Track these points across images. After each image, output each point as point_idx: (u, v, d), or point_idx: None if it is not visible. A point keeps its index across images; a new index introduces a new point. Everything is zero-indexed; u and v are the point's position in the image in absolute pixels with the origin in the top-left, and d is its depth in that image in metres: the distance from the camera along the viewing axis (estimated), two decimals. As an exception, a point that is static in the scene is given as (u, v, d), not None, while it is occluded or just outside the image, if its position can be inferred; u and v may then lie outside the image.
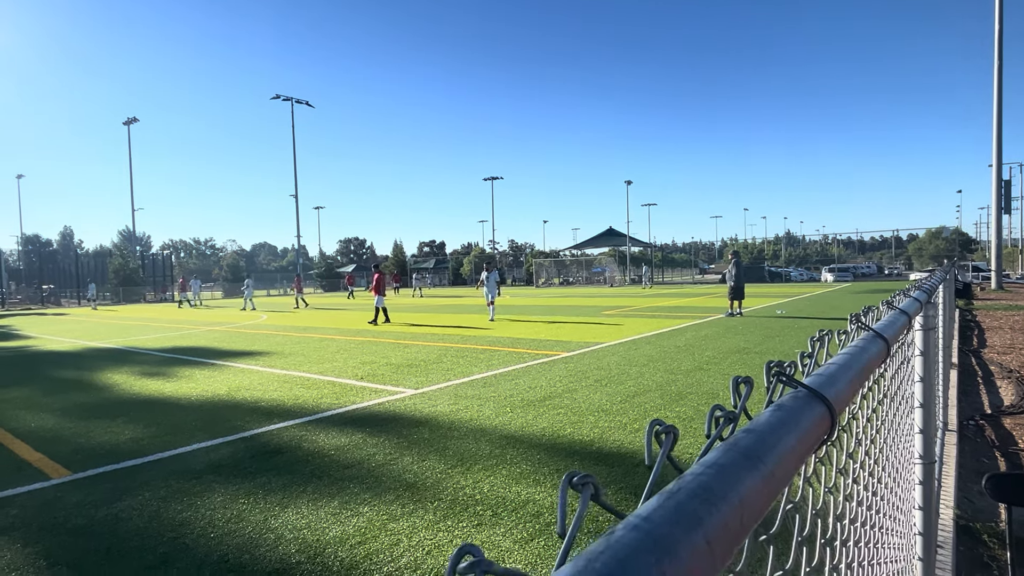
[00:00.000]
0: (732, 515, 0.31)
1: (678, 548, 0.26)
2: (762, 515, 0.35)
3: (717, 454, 0.37)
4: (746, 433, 0.41)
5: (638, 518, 0.28)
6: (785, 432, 0.43)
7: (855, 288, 31.36)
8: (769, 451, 0.39)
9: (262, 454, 4.79)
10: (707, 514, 0.29)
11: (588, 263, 57.98)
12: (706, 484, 0.32)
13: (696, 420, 5.37)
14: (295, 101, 52.36)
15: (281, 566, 2.99)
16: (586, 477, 0.29)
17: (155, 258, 54.99)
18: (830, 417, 0.52)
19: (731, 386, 0.50)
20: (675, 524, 0.27)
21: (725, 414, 0.43)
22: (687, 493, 0.31)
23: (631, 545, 0.25)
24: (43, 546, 3.30)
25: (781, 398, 0.52)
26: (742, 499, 0.33)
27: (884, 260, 70.70)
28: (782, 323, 13.32)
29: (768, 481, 0.37)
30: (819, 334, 0.84)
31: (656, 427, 0.38)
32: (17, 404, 7.14)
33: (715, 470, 0.34)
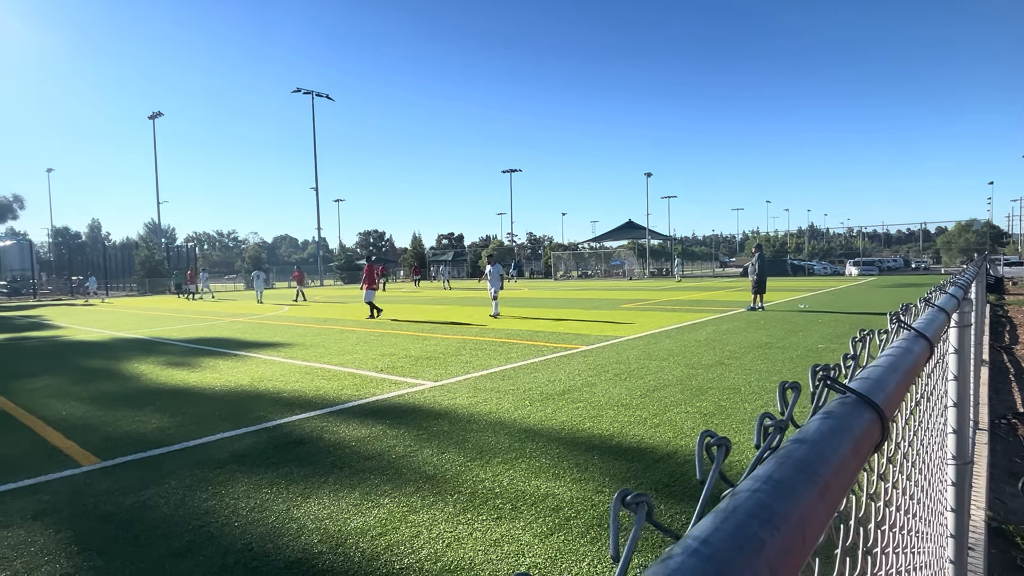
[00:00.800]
0: (794, 536, 0.29)
1: None
2: (822, 534, 0.33)
3: (771, 467, 0.35)
4: (799, 444, 0.39)
5: (697, 541, 0.26)
6: (838, 442, 0.41)
7: (881, 282, 30.72)
8: (825, 463, 0.37)
9: (284, 445, 4.85)
10: (769, 536, 0.27)
11: (607, 256, 57.63)
12: (764, 502, 0.30)
13: (717, 416, 5.31)
14: (316, 94, 52.73)
15: (304, 556, 3.03)
16: (640, 496, 0.27)
17: (179, 250, 55.96)
18: (881, 423, 0.50)
19: (778, 392, 0.47)
20: (737, 549, 0.25)
21: (775, 423, 0.41)
22: (745, 512, 0.29)
23: (695, 572, 0.23)
24: (74, 532, 3.39)
25: (829, 404, 0.50)
26: (802, 517, 0.31)
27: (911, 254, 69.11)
28: (805, 318, 13.10)
29: (825, 496, 0.34)
30: (860, 334, 0.80)
31: (707, 439, 0.36)
32: (48, 392, 7.33)
33: (771, 485, 0.32)
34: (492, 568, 2.85)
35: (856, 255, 56.76)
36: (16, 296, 42.72)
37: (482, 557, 2.96)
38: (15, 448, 5.03)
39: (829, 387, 0.53)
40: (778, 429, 0.41)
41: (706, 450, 0.36)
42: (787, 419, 0.43)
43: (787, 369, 7.25)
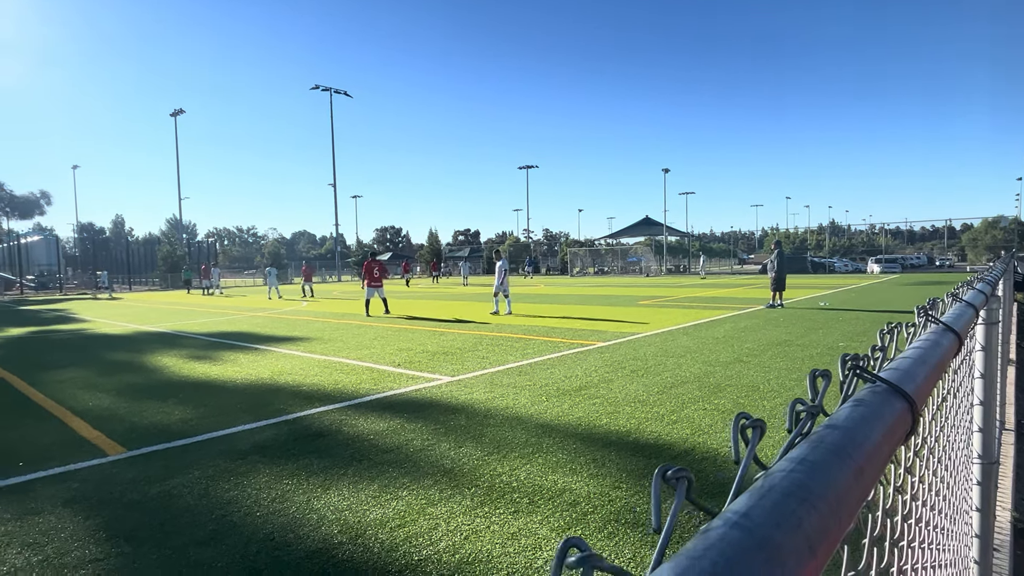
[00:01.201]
0: (830, 515, 0.30)
1: (783, 551, 0.25)
2: (856, 515, 0.34)
3: (805, 450, 0.35)
4: (831, 429, 0.39)
5: (736, 515, 0.26)
6: (871, 428, 0.41)
7: (904, 280, 30.17)
8: (858, 448, 0.37)
9: (304, 437, 4.92)
10: (806, 514, 0.28)
11: (623, 252, 57.34)
12: (800, 482, 0.31)
13: (735, 413, 5.27)
14: (334, 91, 53.09)
15: (324, 546, 3.07)
16: (681, 471, 0.28)
17: (200, 245, 56.82)
18: (912, 412, 0.50)
19: (808, 380, 0.48)
20: (776, 525, 0.26)
21: (807, 408, 0.42)
22: (782, 492, 0.29)
23: (737, 544, 0.24)
24: (102, 518, 3.47)
25: (859, 393, 0.50)
26: (838, 497, 0.31)
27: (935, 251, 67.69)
28: (825, 316, 12.93)
29: (859, 478, 0.35)
30: (888, 327, 0.80)
31: (743, 420, 0.36)
32: (76, 384, 7.51)
33: (806, 467, 0.33)
34: (510, 561, 2.87)
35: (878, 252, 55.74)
36: (43, 290, 43.71)
37: (500, 550, 2.98)
38: (45, 437, 5.16)
39: (859, 376, 0.53)
40: (810, 415, 0.41)
41: (741, 432, 0.36)
42: (818, 405, 0.44)
43: (807, 367, 7.16)
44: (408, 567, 2.85)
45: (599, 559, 0.21)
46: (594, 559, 0.21)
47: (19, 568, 2.93)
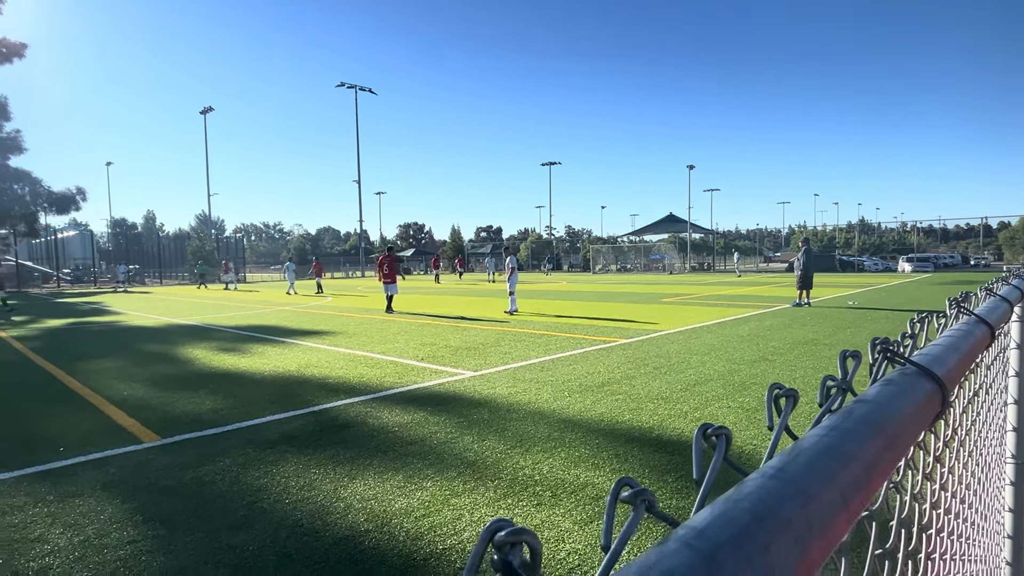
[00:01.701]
0: (862, 475, 0.32)
1: (819, 499, 0.27)
2: (887, 477, 0.36)
3: (837, 420, 0.37)
4: (862, 403, 0.41)
5: (773, 469, 0.29)
6: (901, 405, 0.43)
7: (936, 279, 29.40)
8: (888, 421, 0.39)
9: (331, 428, 5.02)
10: (840, 470, 0.30)
11: (647, 250, 56.89)
12: (832, 444, 0.33)
13: (760, 411, 5.23)
14: (359, 89, 53.61)
15: (351, 533, 3.14)
16: (721, 428, 0.30)
17: (228, 241, 57.95)
18: (941, 394, 0.51)
19: (839, 360, 0.49)
20: (811, 477, 0.28)
21: (838, 384, 0.43)
22: (815, 451, 0.31)
23: (775, 492, 0.26)
24: (139, 502, 3.60)
25: (889, 374, 0.52)
26: (868, 461, 0.33)
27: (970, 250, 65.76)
28: (854, 314, 12.69)
29: (891, 447, 0.37)
30: (918, 316, 0.81)
31: (776, 390, 0.38)
32: (112, 374, 7.75)
33: (838, 433, 0.35)
34: (533, 552, 2.90)
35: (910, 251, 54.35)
36: (78, 283, 45.10)
37: (523, 541, 3.01)
38: (84, 424, 5.35)
39: (889, 359, 0.54)
40: (841, 390, 0.43)
41: (775, 401, 0.38)
42: (848, 382, 0.45)
43: (834, 367, 7.05)
44: (433, 556, 2.90)
45: (651, 496, 0.24)
46: (646, 494, 0.23)
47: (62, 547, 3.06)
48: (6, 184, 35.65)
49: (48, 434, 5.10)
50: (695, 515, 0.25)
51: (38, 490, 3.84)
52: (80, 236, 55.35)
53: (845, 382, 0.44)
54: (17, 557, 2.97)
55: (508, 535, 0.21)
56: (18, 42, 33.88)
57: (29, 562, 2.92)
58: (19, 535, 3.21)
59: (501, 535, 0.21)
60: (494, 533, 0.21)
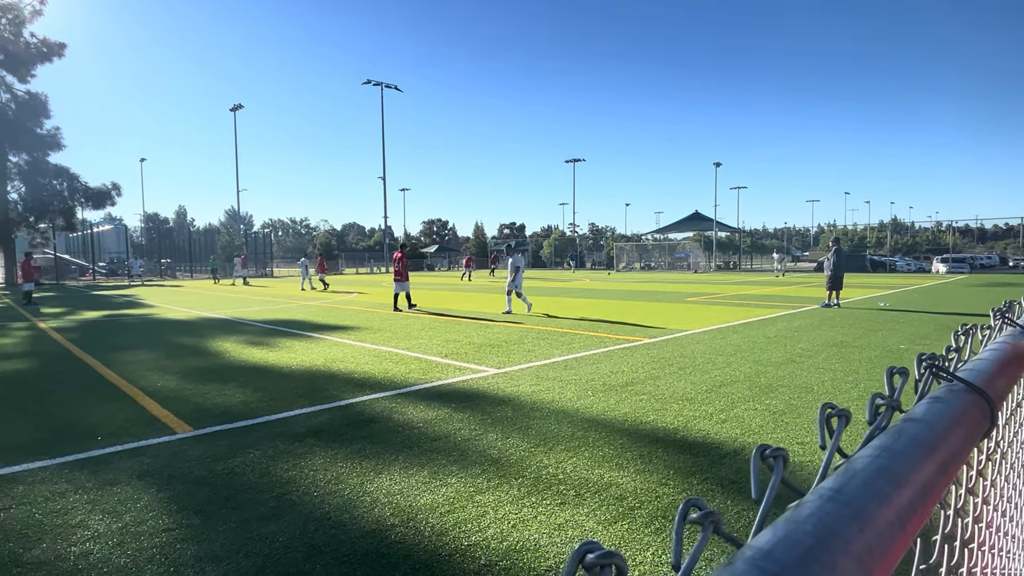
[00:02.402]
0: (917, 496, 0.32)
1: (877, 521, 0.28)
2: (938, 500, 0.36)
3: (887, 440, 0.38)
4: (912, 422, 0.41)
5: (830, 491, 0.29)
6: (950, 424, 0.43)
7: (972, 281, 28.53)
8: (939, 441, 0.39)
9: (357, 423, 5.10)
10: (895, 493, 0.31)
11: (671, 248, 56.32)
12: (886, 467, 0.33)
13: (787, 414, 5.16)
14: (384, 86, 54.05)
15: (377, 527, 3.20)
16: (778, 450, 0.31)
17: (256, 236, 59.03)
18: (990, 412, 0.51)
19: (886, 376, 0.50)
20: (868, 500, 0.29)
21: (887, 402, 0.44)
22: (870, 473, 0.32)
23: (835, 514, 0.27)
24: (173, 492, 3.71)
25: (936, 391, 0.52)
26: (923, 483, 0.34)
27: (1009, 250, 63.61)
28: (885, 316, 12.40)
29: (942, 469, 0.37)
30: (963, 328, 0.80)
31: (828, 410, 0.39)
32: (146, 366, 7.98)
33: (890, 454, 0.35)
34: (557, 551, 2.92)
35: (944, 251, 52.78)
36: (113, 276, 46.43)
37: (547, 540, 3.03)
38: (120, 415, 5.52)
39: (935, 375, 0.54)
40: (890, 408, 0.44)
41: (827, 421, 0.39)
42: (896, 400, 0.46)
43: (864, 369, 6.92)
44: (458, 551, 2.93)
45: (719, 517, 0.25)
46: (715, 516, 0.25)
47: (102, 533, 3.17)
48: (46, 180, 36.86)
49: (87, 423, 5.27)
50: (758, 536, 0.26)
51: (78, 477, 3.98)
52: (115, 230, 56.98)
53: (894, 400, 0.45)
54: (60, 542, 3.09)
55: (598, 558, 0.22)
56: (57, 42, 34.96)
57: (71, 547, 3.04)
58: (61, 521, 3.33)
59: (591, 557, 0.22)
60: (584, 555, 0.23)
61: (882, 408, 0.44)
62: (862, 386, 6.13)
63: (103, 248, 53.25)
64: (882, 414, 0.44)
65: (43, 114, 35.64)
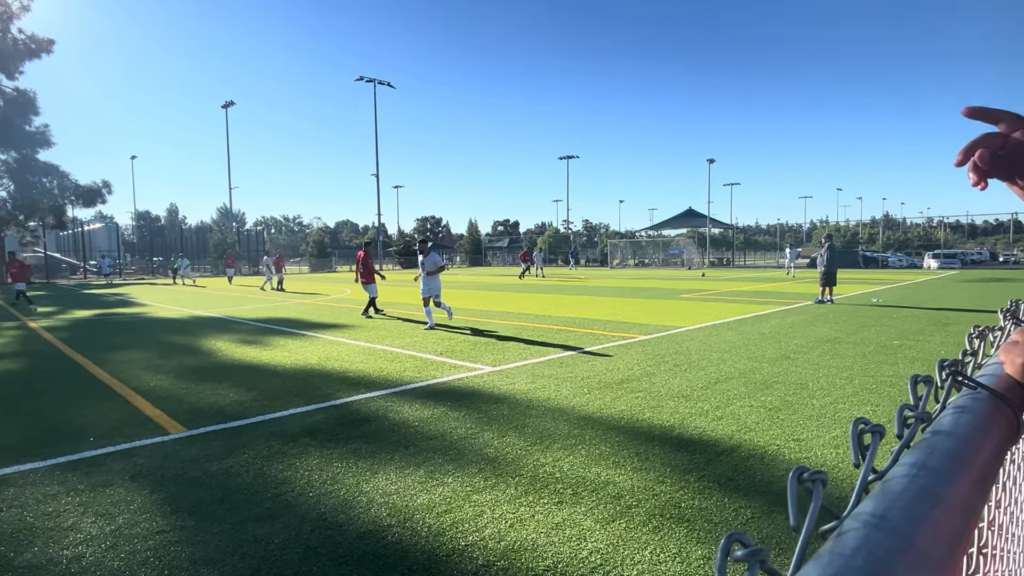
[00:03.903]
0: (960, 519, 0.30)
1: (928, 552, 0.26)
2: (978, 517, 0.34)
3: (921, 456, 0.36)
4: (943, 436, 0.40)
5: (873, 517, 0.28)
6: (982, 435, 0.41)
7: (963, 276, 28.73)
8: (973, 454, 0.38)
9: (352, 422, 5.07)
10: (942, 517, 0.29)
11: (665, 244, 56.45)
12: (927, 487, 0.31)
13: (782, 410, 5.16)
14: (377, 82, 53.77)
15: (374, 528, 3.17)
16: (817, 473, 0.29)
17: (249, 234, 58.70)
18: (1017, 421, 0.49)
19: (910, 385, 0.48)
20: (915, 527, 0.27)
21: (916, 415, 0.42)
22: (912, 495, 0.30)
23: (884, 545, 0.25)
24: (167, 493, 3.67)
25: (958, 400, 0.50)
26: (963, 503, 0.32)
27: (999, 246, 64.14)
28: (878, 312, 12.46)
29: (980, 485, 0.35)
30: (976, 330, 0.78)
31: (861, 426, 0.37)
32: (138, 365, 7.91)
33: (928, 473, 0.33)
34: (555, 550, 2.91)
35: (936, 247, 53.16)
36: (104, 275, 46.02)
37: (544, 539, 3.02)
38: (112, 415, 5.47)
39: (959, 383, 0.53)
40: (919, 420, 0.42)
41: (859, 437, 0.37)
42: (925, 411, 0.44)
43: (858, 366, 6.94)
44: (455, 552, 2.92)
45: (766, 554, 0.23)
46: (762, 553, 0.23)
47: (94, 536, 3.13)
48: (35, 177, 36.48)
49: (79, 424, 5.22)
50: (802, 570, 0.24)
51: (70, 479, 3.93)
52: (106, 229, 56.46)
53: (922, 412, 0.43)
54: (52, 545, 3.05)
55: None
56: (46, 38, 34.57)
57: (63, 550, 3.00)
58: (53, 523, 3.29)
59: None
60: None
61: (911, 420, 0.42)
62: (856, 382, 6.15)
63: (94, 246, 52.79)
64: (912, 426, 0.42)
65: (32, 111, 35.27)
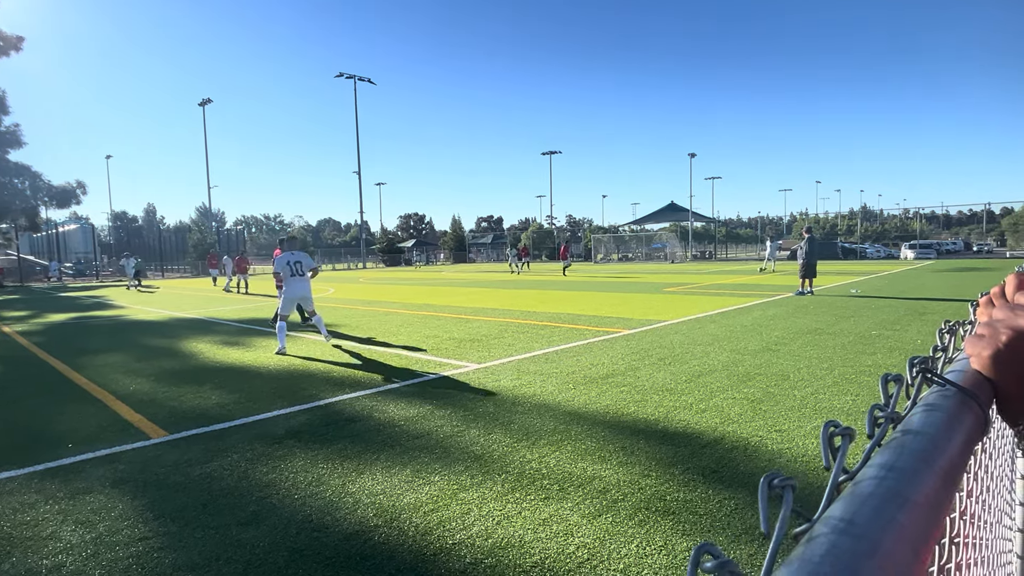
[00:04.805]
0: (928, 520, 0.31)
1: (894, 556, 0.26)
2: (945, 515, 0.35)
3: (891, 457, 0.37)
4: (913, 435, 0.40)
5: (842, 522, 0.28)
6: (951, 433, 0.42)
7: (939, 266, 29.34)
8: (942, 454, 0.39)
9: (337, 422, 5.04)
10: (907, 520, 0.29)
11: (648, 239, 56.85)
12: (895, 489, 0.32)
13: (764, 402, 5.24)
14: (358, 79, 53.31)
15: (360, 528, 3.16)
16: (787, 479, 0.30)
17: (229, 233, 57.93)
18: (984, 415, 0.51)
19: (880, 384, 0.49)
20: (883, 531, 0.28)
21: (886, 414, 0.43)
22: (880, 498, 0.31)
23: (851, 551, 0.26)
24: (149, 499, 3.62)
25: (928, 397, 0.51)
26: (930, 503, 0.33)
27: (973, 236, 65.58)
28: (857, 303, 12.67)
29: (948, 485, 0.36)
30: (947, 325, 0.80)
31: (831, 428, 0.38)
32: (117, 369, 7.77)
33: (896, 474, 0.34)
34: (542, 546, 2.92)
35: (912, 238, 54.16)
36: (80, 277, 45.17)
37: (532, 535, 3.03)
38: (91, 420, 5.37)
39: (929, 380, 0.54)
40: (889, 420, 0.43)
41: (829, 440, 0.38)
42: (894, 411, 0.45)
43: (838, 356, 7.06)
44: (443, 551, 2.92)
45: (735, 567, 0.23)
46: (731, 565, 0.23)
47: (75, 545, 3.08)
48: (6, 178, 35.61)
49: (57, 430, 5.12)
50: (773, 576, 0.25)
51: (49, 487, 3.86)
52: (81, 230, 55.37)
53: (892, 412, 0.44)
54: (31, 555, 2.99)
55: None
56: (15, 36, 33.71)
57: (42, 560, 2.94)
58: (31, 533, 3.23)
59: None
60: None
61: (881, 420, 0.43)
62: (836, 372, 6.25)
63: (69, 248, 51.74)
64: (883, 425, 0.43)
65: (1, 110, 34.39)
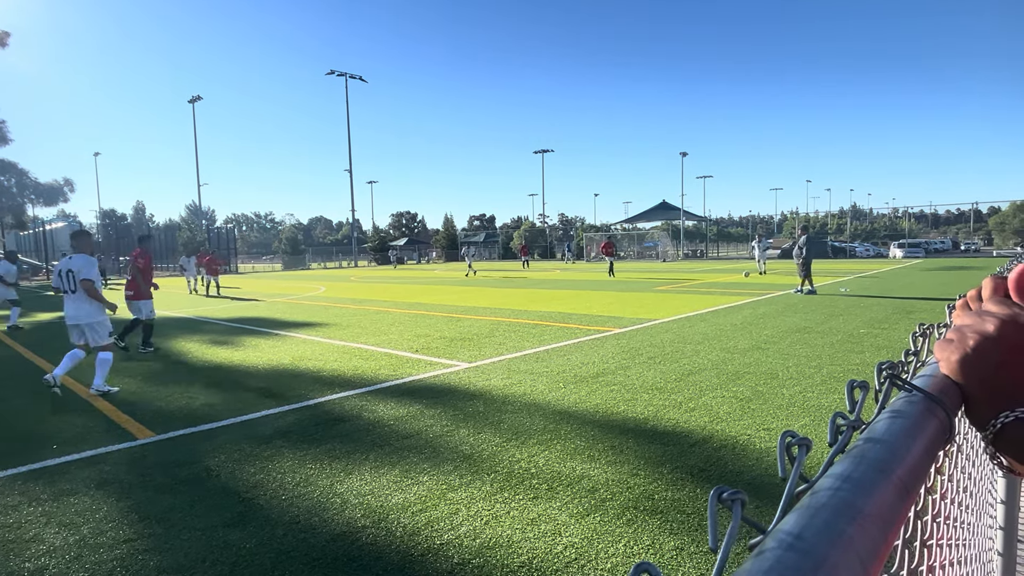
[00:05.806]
0: (879, 533, 0.31)
1: (837, 571, 0.26)
2: (900, 531, 0.35)
3: (849, 466, 0.36)
4: (873, 444, 0.40)
5: (790, 536, 0.28)
6: (912, 442, 0.42)
7: (927, 265, 29.61)
8: (900, 463, 0.38)
9: (326, 422, 5.01)
10: (856, 533, 0.29)
11: (640, 237, 57.01)
12: (848, 501, 0.32)
13: (753, 400, 5.26)
14: (349, 76, 53.05)
15: (348, 529, 3.15)
16: (736, 493, 0.29)
17: (219, 231, 57.51)
18: (949, 424, 0.51)
19: (847, 391, 0.49)
20: (831, 545, 0.28)
21: (848, 422, 0.43)
22: (832, 510, 0.31)
23: (795, 567, 0.25)
24: (134, 500, 3.59)
25: (895, 403, 0.51)
26: (883, 515, 0.33)
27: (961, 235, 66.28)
28: (846, 302, 12.77)
29: (903, 495, 0.36)
30: (920, 328, 0.80)
31: (788, 439, 0.38)
32: (103, 368, 7.68)
33: (852, 484, 0.34)
34: (530, 546, 2.92)
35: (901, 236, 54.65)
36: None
37: (520, 535, 3.03)
38: (77, 421, 5.32)
39: (896, 385, 0.54)
40: (851, 428, 0.43)
41: (787, 450, 0.38)
42: (858, 419, 0.45)
43: (827, 355, 7.11)
44: (430, 551, 2.91)
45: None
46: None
47: (58, 547, 3.05)
48: (-8, 175, 35.19)
49: (42, 431, 5.06)
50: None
51: (32, 489, 3.82)
52: (69, 228, 54.73)
53: (856, 420, 0.44)
54: (13, 558, 2.96)
55: None
56: (1, 31, 33.31)
57: (25, 563, 2.91)
58: (14, 535, 3.19)
59: None
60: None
61: (843, 428, 0.43)
62: (825, 371, 6.29)
63: (56, 246, 51.14)
64: (844, 433, 0.42)
65: (-13, 107, 33.95)
